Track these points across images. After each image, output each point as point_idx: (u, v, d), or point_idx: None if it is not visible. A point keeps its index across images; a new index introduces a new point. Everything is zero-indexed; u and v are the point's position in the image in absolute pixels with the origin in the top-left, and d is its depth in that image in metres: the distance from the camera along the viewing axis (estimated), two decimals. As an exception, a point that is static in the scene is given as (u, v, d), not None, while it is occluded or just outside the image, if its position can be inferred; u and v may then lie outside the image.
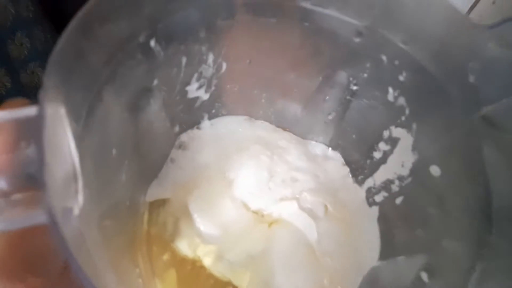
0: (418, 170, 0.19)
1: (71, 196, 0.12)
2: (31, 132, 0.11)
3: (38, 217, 0.10)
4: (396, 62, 0.18)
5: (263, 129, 0.25)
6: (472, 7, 0.52)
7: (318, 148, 0.25)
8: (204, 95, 0.22)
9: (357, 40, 0.18)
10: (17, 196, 0.11)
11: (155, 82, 0.18)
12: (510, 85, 0.15)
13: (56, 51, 0.11)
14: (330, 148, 0.24)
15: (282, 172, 0.23)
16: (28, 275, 0.11)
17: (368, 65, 0.19)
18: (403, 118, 0.19)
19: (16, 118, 0.11)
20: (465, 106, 0.16)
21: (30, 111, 0.11)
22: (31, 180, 0.11)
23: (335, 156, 0.25)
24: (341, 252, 0.22)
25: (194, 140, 0.23)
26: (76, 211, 0.11)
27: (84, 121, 0.13)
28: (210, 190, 0.23)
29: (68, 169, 0.12)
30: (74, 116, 0.12)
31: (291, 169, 0.23)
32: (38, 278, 0.11)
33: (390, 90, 0.19)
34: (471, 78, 0.15)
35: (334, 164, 0.24)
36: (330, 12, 0.18)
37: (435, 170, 0.18)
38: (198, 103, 0.22)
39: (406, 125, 0.19)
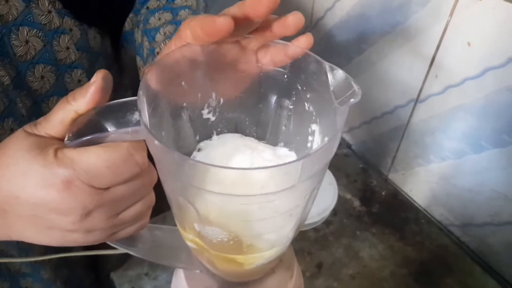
0: (322, 143, 0.35)
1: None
2: (135, 106, 0.29)
3: (140, 131, 0.28)
4: (304, 88, 0.35)
5: (249, 140, 0.42)
6: (424, 81, 0.71)
7: (282, 150, 0.41)
8: (212, 118, 0.39)
9: (286, 80, 0.36)
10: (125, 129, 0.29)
11: (184, 104, 0.36)
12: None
13: (145, 78, 0.30)
14: (288, 149, 0.41)
15: (258, 161, 0.39)
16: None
17: (293, 92, 0.36)
18: (313, 117, 0.36)
19: (129, 100, 0.29)
20: (330, 100, 0.32)
21: (135, 98, 0.29)
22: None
23: (292, 154, 0.41)
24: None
25: (208, 146, 0.41)
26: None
27: (152, 109, 0.31)
28: (216, 172, 0.39)
29: (145, 120, 0.29)
30: (148, 102, 0.30)
31: (264, 160, 0.40)
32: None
33: (306, 103, 0.36)
34: (331, 87, 0.32)
35: (291, 159, 0.40)
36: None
37: (326, 139, 0.34)
38: (209, 122, 0.39)
39: (315, 121, 0.36)
